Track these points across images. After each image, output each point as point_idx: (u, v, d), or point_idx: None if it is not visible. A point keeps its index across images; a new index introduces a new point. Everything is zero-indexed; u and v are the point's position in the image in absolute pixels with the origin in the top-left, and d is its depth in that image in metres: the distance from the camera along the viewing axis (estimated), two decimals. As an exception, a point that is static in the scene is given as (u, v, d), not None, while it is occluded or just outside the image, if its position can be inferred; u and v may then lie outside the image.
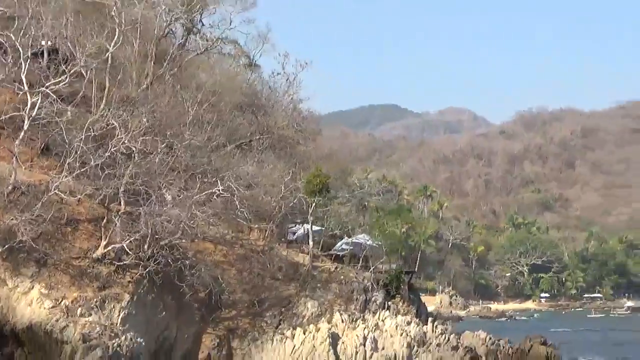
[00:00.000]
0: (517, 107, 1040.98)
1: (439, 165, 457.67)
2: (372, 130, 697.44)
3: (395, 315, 76.60)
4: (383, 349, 70.38)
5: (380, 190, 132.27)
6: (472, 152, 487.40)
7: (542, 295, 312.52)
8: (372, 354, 68.80)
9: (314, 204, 78.34)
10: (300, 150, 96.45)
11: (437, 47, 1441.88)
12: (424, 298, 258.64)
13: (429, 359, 71.26)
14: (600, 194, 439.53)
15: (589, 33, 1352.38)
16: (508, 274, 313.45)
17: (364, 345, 69.09)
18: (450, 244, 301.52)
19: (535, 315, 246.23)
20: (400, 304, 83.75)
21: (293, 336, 68.52)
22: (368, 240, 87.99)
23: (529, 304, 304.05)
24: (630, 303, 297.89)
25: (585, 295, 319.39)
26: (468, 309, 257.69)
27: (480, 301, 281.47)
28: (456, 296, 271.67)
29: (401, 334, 72.07)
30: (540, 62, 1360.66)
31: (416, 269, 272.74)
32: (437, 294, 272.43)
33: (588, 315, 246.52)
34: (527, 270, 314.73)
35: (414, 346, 71.81)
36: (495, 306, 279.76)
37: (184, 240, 63.43)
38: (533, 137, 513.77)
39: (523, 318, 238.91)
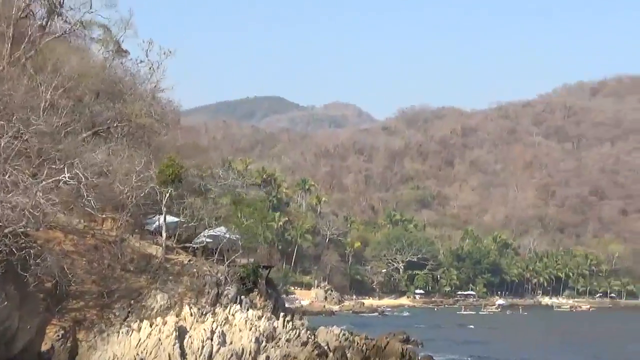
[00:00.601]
0: (401, 104, 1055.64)
1: (320, 159, 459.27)
2: (257, 122, 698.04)
3: (247, 309, 75.90)
4: (231, 343, 69.53)
5: (244, 183, 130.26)
6: (353, 147, 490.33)
7: (417, 291, 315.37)
8: (219, 348, 67.83)
9: (167, 195, 77.10)
10: (159, 140, 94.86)
11: (324, 40, 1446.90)
12: (300, 292, 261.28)
13: (277, 354, 70.63)
14: (478, 192, 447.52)
15: (472, 33, 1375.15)
16: (384, 270, 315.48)
17: (212, 340, 68.15)
18: (327, 239, 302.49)
19: (406, 312, 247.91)
20: (258, 298, 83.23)
21: (140, 329, 67.32)
22: (226, 233, 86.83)
23: (404, 300, 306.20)
24: (501, 301, 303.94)
25: (459, 293, 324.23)
26: (342, 304, 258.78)
27: (354, 296, 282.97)
28: (331, 291, 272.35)
29: (250, 329, 71.40)
30: (425, 59, 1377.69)
31: (292, 263, 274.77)
32: (312, 288, 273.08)
33: (458, 312, 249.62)
34: (402, 267, 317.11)
35: (262, 341, 71.15)
36: (370, 301, 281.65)
37: (29, 229, 61.54)
38: (414, 134, 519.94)
39: (395, 314, 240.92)
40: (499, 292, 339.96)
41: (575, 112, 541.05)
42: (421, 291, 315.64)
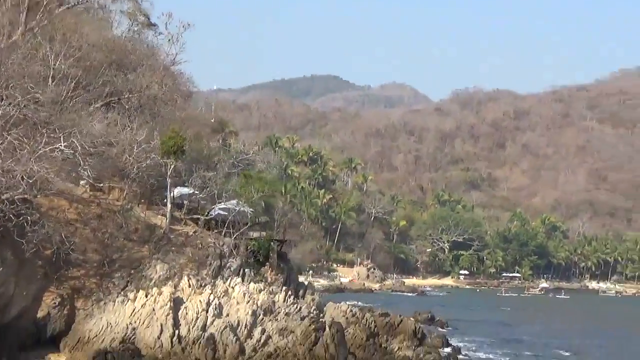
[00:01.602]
0: (457, 86, 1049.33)
1: (370, 139, 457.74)
2: (312, 101, 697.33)
3: (249, 282, 75.68)
4: (227, 315, 69.39)
5: (264, 158, 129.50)
6: (404, 127, 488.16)
7: (461, 272, 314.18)
8: (214, 320, 67.70)
9: (172, 166, 76.99)
10: (171, 112, 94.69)
11: (382, 21, 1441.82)
12: (342, 270, 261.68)
13: (273, 328, 70.34)
14: (528, 175, 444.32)
15: (529, 16, 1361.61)
16: (429, 250, 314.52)
17: (207, 311, 68.03)
18: (372, 217, 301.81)
19: (445, 293, 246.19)
20: (269, 272, 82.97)
21: (135, 298, 67.39)
22: (239, 207, 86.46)
23: (448, 281, 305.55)
24: (544, 284, 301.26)
25: (504, 275, 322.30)
26: (384, 283, 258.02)
27: (394, 275, 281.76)
28: (374, 269, 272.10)
29: (248, 302, 71.17)
30: (482, 42, 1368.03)
31: (335, 240, 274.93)
32: (355, 266, 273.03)
33: (498, 294, 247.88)
34: (447, 247, 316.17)
35: (259, 314, 70.90)
36: (413, 281, 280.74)
37: (26, 196, 61.72)
38: (467, 115, 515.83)
39: (434, 293, 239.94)
40: (545, 275, 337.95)
41: (631, 97, 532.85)
42: (466, 272, 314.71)
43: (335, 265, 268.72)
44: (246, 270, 77.55)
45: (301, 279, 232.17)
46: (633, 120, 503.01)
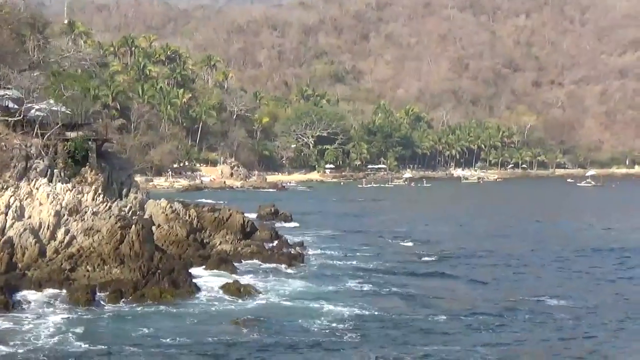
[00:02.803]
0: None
1: (233, 36, 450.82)
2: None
3: (57, 183, 72.73)
4: (29, 217, 66.84)
5: (87, 56, 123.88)
6: (267, 22, 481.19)
7: (327, 166, 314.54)
8: (13, 223, 65.14)
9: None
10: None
11: None
12: (206, 169, 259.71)
13: (78, 227, 68.09)
14: (392, 66, 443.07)
15: None
16: (293, 146, 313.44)
17: (6, 214, 65.35)
18: (234, 115, 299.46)
19: (304, 187, 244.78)
20: (89, 172, 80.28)
21: None
22: (50, 106, 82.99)
23: (314, 175, 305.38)
24: (408, 175, 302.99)
25: (370, 167, 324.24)
26: (247, 180, 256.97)
27: (258, 173, 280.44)
28: (238, 167, 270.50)
29: (51, 202, 68.56)
30: None
31: (197, 140, 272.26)
32: (218, 165, 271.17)
33: (359, 186, 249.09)
34: (312, 142, 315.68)
35: (64, 215, 68.52)
36: (278, 177, 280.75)
37: None
38: (330, 8, 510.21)
39: (297, 188, 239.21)
40: (410, 166, 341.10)
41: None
42: (331, 166, 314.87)
43: (198, 165, 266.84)
44: (55, 170, 74.56)
45: (161, 180, 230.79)
46: (493, 7, 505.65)
